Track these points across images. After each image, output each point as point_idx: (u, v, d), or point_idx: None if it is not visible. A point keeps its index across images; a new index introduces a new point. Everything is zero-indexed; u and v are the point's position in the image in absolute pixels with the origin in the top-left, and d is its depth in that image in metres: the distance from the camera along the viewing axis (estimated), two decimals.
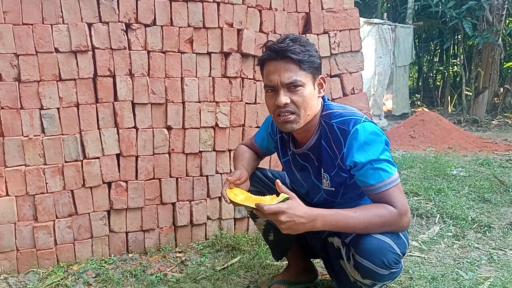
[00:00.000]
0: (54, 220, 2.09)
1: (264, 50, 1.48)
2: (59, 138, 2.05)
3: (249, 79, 2.44)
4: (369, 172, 1.38)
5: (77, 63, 2.06)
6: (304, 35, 2.54)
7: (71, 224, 2.13)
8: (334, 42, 2.62)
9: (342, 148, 1.43)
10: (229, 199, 1.49)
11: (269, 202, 1.34)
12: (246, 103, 2.44)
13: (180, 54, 2.26)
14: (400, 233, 1.43)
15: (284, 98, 1.42)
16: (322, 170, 1.53)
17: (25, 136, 2.00)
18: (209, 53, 2.32)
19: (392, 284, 1.92)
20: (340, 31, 2.65)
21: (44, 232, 2.06)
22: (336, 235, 1.62)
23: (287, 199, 1.32)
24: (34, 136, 2.01)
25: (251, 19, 2.41)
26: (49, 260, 2.09)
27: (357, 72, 2.75)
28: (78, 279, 2.01)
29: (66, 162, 2.08)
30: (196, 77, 2.30)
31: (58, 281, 1.97)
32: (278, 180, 1.36)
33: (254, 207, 1.33)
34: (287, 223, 1.29)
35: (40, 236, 2.05)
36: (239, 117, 2.43)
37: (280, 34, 2.47)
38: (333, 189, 1.52)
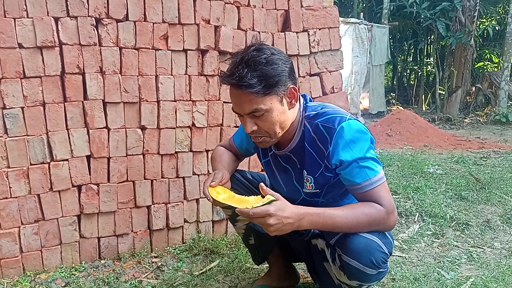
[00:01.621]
0: (19, 227, 1.96)
1: (221, 75, 1.39)
2: (24, 139, 1.92)
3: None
4: (355, 170, 1.34)
5: (43, 60, 1.93)
6: (283, 33, 2.48)
7: (38, 230, 2.00)
8: (314, 40, 2.57)
9: (328, 147, 1.39)
10: (212, 198, 1.41)
11: (253, 202, 1.27)
12: (224, 102, 2.36)
13: (154, 51, 2.16)
14: (386, 232, 1.39)
15: (249, 126, 1.38)
16: (305, 172, 1.47)
17: None
18: (185, 50, 2.23)
19: (375, 286, 1.88)
20: (319, 29, 2.60)
21: (8, 239, 1.93)
22: (320, 236, 1.57)
23: (273, 201, 1.25)
24: None
25: (228, 16, 2.33)
26: (14, 269, 1.96)
27: (337, 71, 2.71)
28: None
29: (31, 164, 1.95)
30: (172, 75, 2.21)
31: None
32: (262, 184, 1.29)
33: (238, 207, 1.26)
34: (276, 225, 1.23)
35: (4, 243, 1.92)
36: (217, 117, 2.35)
37: (259, 32, 2.41)
38: (317, 190, 1.47)
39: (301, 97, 1.51)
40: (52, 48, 1.94)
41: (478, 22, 10.07)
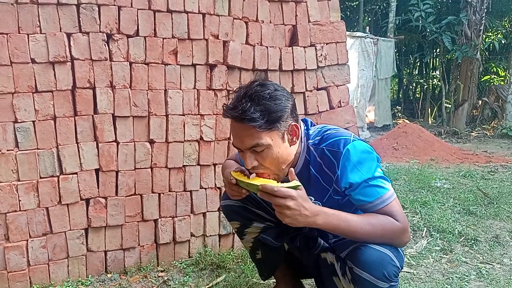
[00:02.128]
0: (27, 240, 1.96)
1: (224, 108, 1.39)
2: (34, 153, 1.95)
3: (235, 91, 2.38)
4: (366, 190, 1.35)
5: (54, 75, 1.96)
6: (290, 47, 2.50)
7: (45, 243, 2.01)
8: (321, 55, 2.60)
9: (336, 171, 1.39)
10: (234, 178, 1.40)
11: (278, 184, 1.29)
12: None
13: (163, 65, 2.19)
14: (397, 247, 1.38)
15: (249, 161, 1.37)
16: (313, 198, 1.47)
17: None
18: (194, 65, 2.26)
19: None
20: (326, 44, 2.62)
21: (16, 252, 1.94)
22: (330, 250, 1.57)
23: (297, 187, 1.27)
24: (7, 150, 1.90)
25: (237, 31, 2.36)
26: (21, 282, 1.96)
27: (344, 85, 2.73)
28: None
29: (41, 178, 1.97)
30: (180, 89, 2.23)
31: None
32: (291, 169, 1.30)
33: (261, 188, 1.27)
34: (293, 211, 1.24)
35: (12, 257, 1.93)
36: (225, 130, 2.36)
37: (267, 47, 2.43)
38: None
39: (301, 122, 1.52)
40: (64, 63, 1.97)
41: (484, 35, 10.09)
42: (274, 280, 1.95)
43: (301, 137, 1.47)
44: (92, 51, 2.02)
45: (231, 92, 2.36)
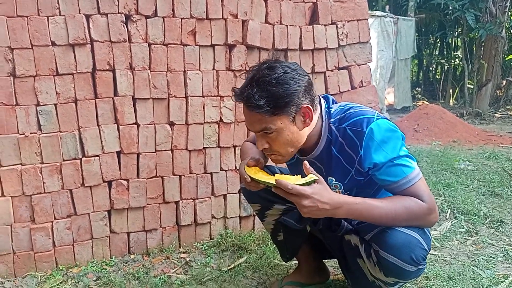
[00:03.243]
0: (52, 221, 2.00)
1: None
2: (57, 136, 1.96)
3: (247, 72, 2.34)
4: (391, 170, 1.31)
5: (74, 57, 1.96)
6: (311, 26, 2.43)
7: (70, 225, 2.04)
8: (342, 33, 2.52)
9: (358, 151, 1.35)
10: (249, 176, 1.38)
11: (294, 180, 1.25)
12: None
13: (182, 46, 2.16)
14: (425, 228, 1.35)
15: (260, 144, 1.36)
16: (333, 179, 1.45)
17: (20, 134, 1.90)
18: (212, 45, 2.22)
19: (409, 284, 1.83)
20: (348, 21, 2.55)
21: (42, 234, 1.97)
22: (354, 232, 1.54)
23: (314, 181, 1.23)
24: (30, 133, 1.92)
25: (256, 10, 2.31)
26: (47, 263, 2.01)
27: (366, 64, 2.66)
28: (78, 282, 1.93)
29: (64, 160, 1.99)
30: (200, 70, 2.21)
31: (57, 284, 1.89)
32: (305, 162, 1.26)
33: (275, 183, 1.24)
34: (309, 207, 1.21)
35: (38, 238, 1.97)
36: None
37: (287, 25, 2.37)
38: (348, 193, 1.44)
39: (322, 99, 1.47)
40: (84, 45, 1.96)
41: (509, 12, 9.69)
42: (296, 262, 1.95)
43: (322, 115, 1.43)
44: (111, 32, 2.01)
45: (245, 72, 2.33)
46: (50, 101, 1.94)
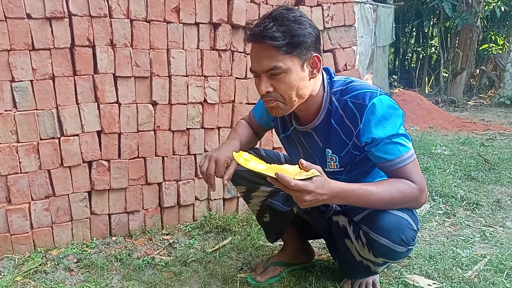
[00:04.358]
0: (29, 203, 1.92)
1: (246, 31, 1.35)
2: (33, 113, 1.88)
3: (240, 52, 2.30)
4: (388, 147, 1.30)
5: (52, 31, 1.87)
6: (297, 7, 2.40)
7: (48, 206, 1.97)
8: (328, 15, 2.50)
9: (358, 124, 1.33)
10: (241, 165, 1.29)
11: (293, 173, 1.19)
12: (236, 78, 2.31)
13: (166, 23, 2.09)
14: (413, 209, 1.36)
15: (264, 86, 1.31)
16: (330, 151, 1.43)
17: None
18: (197, 24, 2.16)
19: (392, 264, 1.86)
20: (333, 4, 2.52)
21: (18, 215, 1.90)
22: (342, 213, 1.54)
23: (315, 176, 1.18)
24: (5, 111, 1.82)
25: None
26: (25, 245, 1.94)
27: (350, 47, 2.65)
28: (58, 264, 1.87)
29: (41, 139, 1.91)
30: (183, 49, 2.15)
31: (36, 267, 1.83)
32: (302, 160, 1.21)
33: (275, 177, 1.16)
34: (310, 201, 1.18)
35: (15, 219, 1.89)
36: (229, 93, 2.30)
37: (272, 5, 2.33)
38: (342, 169, 1.44)
39: (324, 71, 1.45)
40: (62, 19, 1.87)
41: (484, 2, 9.88)
42: (281, 243, 1.95)
43: (324, 85, 1.41)
44: (91, 6, 1.92)
45: (235, 52, 2.28)
46: (26, 77, 1.85)
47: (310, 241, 1.96)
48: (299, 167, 1.20)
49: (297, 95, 1.34)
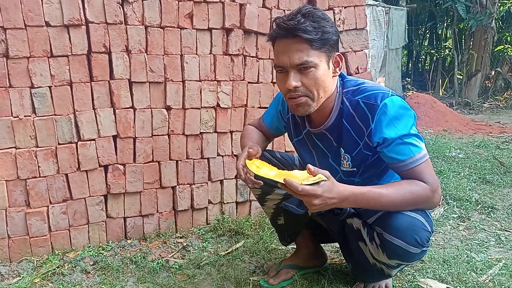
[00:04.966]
0: (47, 206, 1.97)
1: (273, 26, 1.36)
2: (52, 119, 1.93)
3: (252, 57, 2.33)
4: (399, 147, 1.31)
5: (69, 38, 1.92)
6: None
7: (66, 209, 2.02)
8: (339, 19, 2.51)
9: (369, 124, 1.34)
10: (254, 173, 1.33)
11: (302, 178, 1.21)
12: (248, 82, 2.33)
13: (179, 29, 2.13)
14: (426, 211, 1.36)
15: (294, 81, 1.31)
16: (342, 150, 1.44)
17: (14, 117, 1.86)
18: (210, 29, 2.20)
19: (405, 268, 1.86)
20: (345, 7, 2.53)
21: (37, 218, 1.95)
22: (356, 216, 1.55)
23: (323, 180, 1.20)
24: (25, 116, 1.88)
25: None
26: (43, 247, 1.99)
27: (362, 50, 2.65)
28: (75, 267, 1.91)
29: (59, 144, 1.96)
30: (197, 54, 2.18)
31: (54, 269, 1.87)
32: (309, 165, 1.23)
33: (284, 183, 1.19)
34: (320, 205, 1.20)
35: (33, 222, 1.94)
36: (241, 97, 2.32)
37: (284, 10, 2.36)
38: (354, 169, 1.44)
39: None
40: (79, 26, 1.92)
41: (499, 3, 9.75)
42: (294, 246, 1.96)
43: (337, 86, 1.43)
44: (107, 14, 1.96)
45: (247, 57, 2.31)
46: (45, 84, 1.90)
47: (322, 245, 1.97)
48: (308, 172, 1.22)
49: (324, 92, 1.36)
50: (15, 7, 1.80)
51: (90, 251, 2.04)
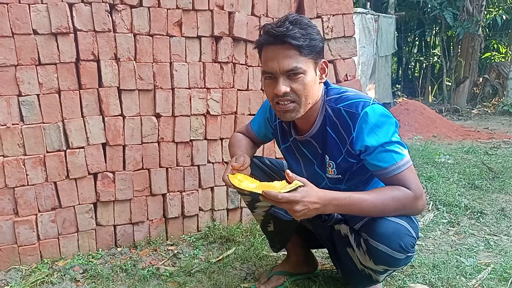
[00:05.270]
0: (36, 214, 1.95)
1: (261, 33, 1.38)
2: (40, 127, 1.92)
3: (241, 64, 2.34)
4: (382, 155, 1.32)
5: (57, 46, 1.92)
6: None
7: (54, 218, 2.00)
8: (327, 27, 2.54)
9: (351, 132, 1.36)
10: (235, 186, 1.37)
11: (279, 188, 1.25)
12: (238, 90, 2.34)
13: (168, 37, 2.14)
14: (412, 217, 1.37)
15: (283, 86, 1.32)
16: (327, 157, 1.45)
17: (2, 125, 1.85)
18: (199, 37, 2.21)
19: (395, 273, 1.87)
20: (333, 15, 2.57)
21: (25, 226, 1.93)
22: (343, 222, 1.55)
23: (300, 186, 1.23)
24: (12, 124, 1.87)
25: (242, 2, 2.30)
26: (32, 256, 1.96)
27: (350, 58, 2.68)
28: (64, 275, 1.89)
29: (48, 152, 1.94)
30: (186, 62, 2.19)
31: (43, 278, 1.85)
32: (288, 170, 1.26)
33: (263, 194, 1.22)
34: (302, 211, 1.21)
35: (22, 231, 1.92)
36: (231, 104, 2.33)
37: (273, 18, 2.38)
38: (340, 176, 1.45)
39: None
40: (67, 34, 1.92)
41: (485, 11, 9.93)
42: (285, 253, 1.96)
43: (321, 94, 1.44)
44: (95, 22, 1.97)
45: (237, 64, 2.32)
46: (33, 92, 1.89)
47: (314, 251, 1.97)
48: (286, 180, 1.24)
49: (311, 98, 1.38)
50: (2, 15, 1.79)
51: (80, 259, 2.02)
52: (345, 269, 1.62)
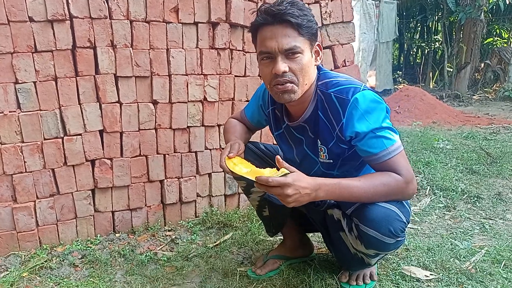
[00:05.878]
0: (34, 201, 1.98)
1: (258, 14, 1.37)
2: (37, 114, 1.93)
3: (238, 50, 2.33)
4: (372, 141, 1.33)
5: (54, 33, 1.91)
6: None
7: (53, 204, 2.02)
8: (326, 12, 2.53)
9: (341, 118, 1.36)
10: (229, 169, 1.38)
11: (268, 175, 1.25)
12: (235, 76, 2.34)
13: (165, 24, 2.13)
14: (404, 202, 1.38)
15: (282, 65, 1.32)
16: (319, 142, 1.46)
17: None
18: (195, 23, 2.20)
19: (390, 256, 1.89)
20: (331, 0, 2.55)
21: (24, 213, 1.95)
22: (336, 207, 1.57)
23: (287, 174, 1.24)
24: (10, 112, 1.88)
25: None
26: (31, 242, 1.99)
27: (349, 43, 2.67)
28: (63, 260, 1.92)
29: (45, 139, 1.96)
30: (183, 48, 2.19)
31: (42, 263, 1.88)
32: (278, 156, 1.26)
33: (255, 180, 1.23)
34: (293, 196, 1.21)
35: (20, 217, 1.95)
36: (228, 91, 2.33)
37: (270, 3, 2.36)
38: (331, 161, 1.46)
39: None
40: (63, 21, 1.92)
41: None
42: (281, 237, 1.98)
43: (316, 75, 1.45)
44: (91, 8, 1.96)
45: (234, 50, 2.32)
46: (29, 79, 1.90)
47: (310, 235, 2.00)
48: (276, 167, 1.26)
49: (308, 79, 1.38)
50: None
51: (78, 245, 2.05)
52: (338, 253, 1.64)
